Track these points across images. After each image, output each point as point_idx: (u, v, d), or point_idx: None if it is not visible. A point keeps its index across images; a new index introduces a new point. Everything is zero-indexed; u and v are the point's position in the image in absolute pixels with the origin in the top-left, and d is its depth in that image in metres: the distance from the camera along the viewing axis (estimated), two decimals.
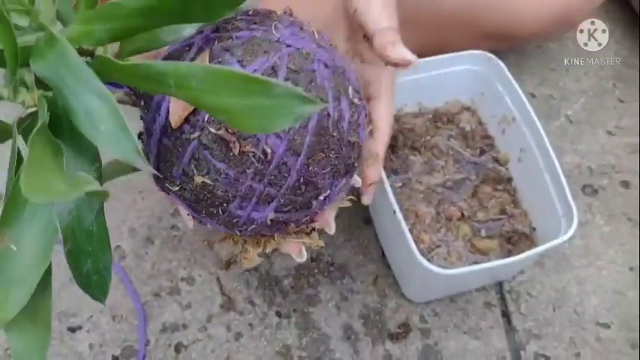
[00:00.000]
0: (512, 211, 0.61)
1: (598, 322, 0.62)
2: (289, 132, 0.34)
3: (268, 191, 0.36)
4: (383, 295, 0.62)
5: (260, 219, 0.37)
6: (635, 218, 0.69)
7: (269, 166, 0.35)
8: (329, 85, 0.36)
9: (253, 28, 0.36)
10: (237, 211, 0.37)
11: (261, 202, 0.36)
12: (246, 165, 0.35)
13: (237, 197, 0.36)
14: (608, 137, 0.74)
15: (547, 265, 0.65)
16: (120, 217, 0.65)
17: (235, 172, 0.35)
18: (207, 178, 0.35)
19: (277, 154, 0.35)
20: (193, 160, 0.35)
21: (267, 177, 0.35)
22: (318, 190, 0.38)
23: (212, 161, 0.35)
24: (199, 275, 0.63)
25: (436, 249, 0.59)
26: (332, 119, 0.36)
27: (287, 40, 0.36)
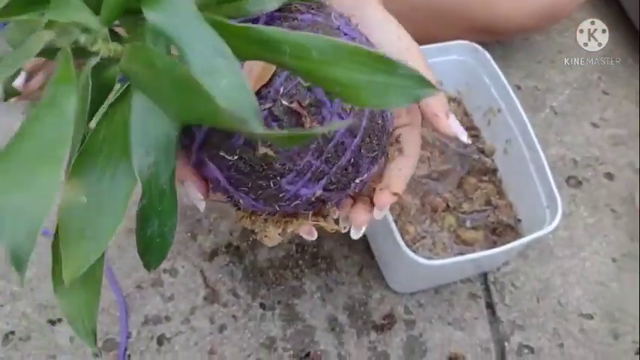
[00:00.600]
0: (498, 202, 0.61)
1: (581, 313, 0.63)
2: (350, 113, 0.35)
3: (323, 168, 0.36)
4: (368, 287, 0.62)
5: (306, 195, 0.37)
6: (618, 210, 0.69)
7: (328, 144, 0.35)
8: None
9: (314, 13, 0.37)
10: (287, 186, 0.36)
11: (313, 179, 0.36)
12: (309, 140, 0.35)
13: (292, 171, 0.36)
14: (592, 129, 0.75)
15: (531, 256, 0.65)
16: None
17: (299, 146, 0.35)
18: (270, 150, 0.35)
19: (338, 134, 0.35)
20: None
21: (325, 154, 0.36)
22: (359, 173, 0.38)
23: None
24: (182, 267, 0.62)
25: (421, 240, 0.59)
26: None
27: (344, 29, 0.37)
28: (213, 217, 0.65)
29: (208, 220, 0.64)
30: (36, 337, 0.57)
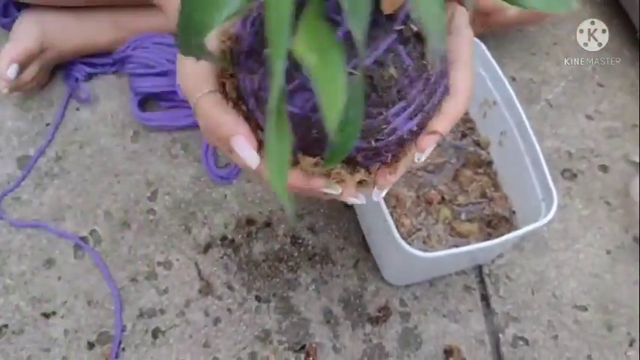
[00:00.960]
0: (493, 195, 0.61)
1: (576, 305, 0.63)
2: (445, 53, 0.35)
3: (423, 103, 0.36)
4: (363, 279, 0.62)
5: (402, 131, 0.36)
6: (612, 202, 0.69)
7: (431, 78, 0.35)
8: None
9: None
10: (391, 117, 0.35)
11: (414, 113, 0.36)
12: (423, 71, 0.34)
13: (402, 100, 0.35)
14: (587, 121, 0.75)
15: (526, 249, 0.65)
16: (95, 200, 0.64)
17: (415, 75, 0.34)
18: (395, 72, 0.34)
19: (438, 69, 0.35)
20: (390, 52, 0.34)
21: (429, 88, 0.35)
22: (432, 117, 0.37)
23: (403, 57, 0.34)
24: (177, 260, 0.62)
25: (416, 232, 0.59)
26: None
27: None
28: (208, 211, 0.64)
29: (203, 213, 0.64)
30: (29, 330, 0.57)
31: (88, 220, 0.63)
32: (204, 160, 0.66)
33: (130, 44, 0.67)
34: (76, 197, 0.64)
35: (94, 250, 0.61)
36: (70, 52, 0.67)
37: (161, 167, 0.66)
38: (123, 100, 0.69)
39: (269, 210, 0.65)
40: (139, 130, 0.68)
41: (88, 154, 0.66)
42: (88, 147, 0.67)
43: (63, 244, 0.61)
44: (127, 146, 0.67)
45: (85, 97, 0.68)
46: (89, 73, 0.70)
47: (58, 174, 0.65)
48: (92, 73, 0.70)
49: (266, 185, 0.65)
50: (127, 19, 0.67)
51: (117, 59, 0.68)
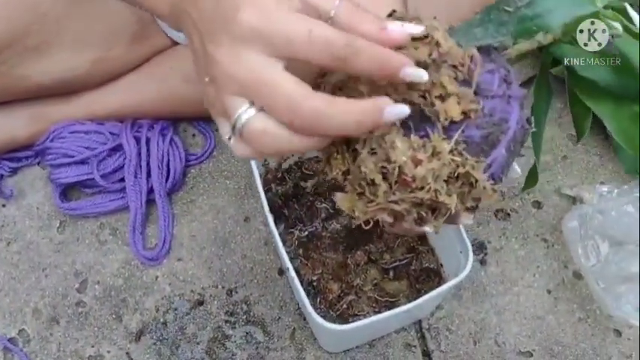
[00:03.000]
0: (419, 249, 0.60)
1: (520, 351, 0.61)
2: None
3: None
4: (300, 349, 0.61)
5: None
6: (549, 238, 0.68)
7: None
8: None
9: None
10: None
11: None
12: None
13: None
14: (517, 159, 0.75)
15: (464, 297, 0.64)
16: (23, 298, 0.63)
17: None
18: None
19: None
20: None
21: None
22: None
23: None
24: (108, 352, 0.60)
25: (345, 297, 0.58)
26: None
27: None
28: (139, 295, 0.63)
29: (134, 298, 0.63)
30: None
31: (16, 320, 0.62)
32: (132, 243, 0.65)
33: (48, 135, 0.67)
34: (3, 297, 0.63)
35: (22, 352, 0.59)
36: None
37: (89, 255, 0.65)
38: (48, 190, 0.69)
39: (201, 287, 0.64)
40: (66, 219, 0.67)
41: (15, 251, 0.66)
42: (14, 244, 0.66)
43: None
44: (53, 238, 0.66)
45: (9, 194, 0.68)
46: (13, 168, 0.70)
47: None
48: (16, 167, 0.70)
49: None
50: (44, 110, 0.67)
51: (37, 151, 0.68)
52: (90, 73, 0.65)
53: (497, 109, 0.36)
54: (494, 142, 0.36)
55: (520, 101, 0.37)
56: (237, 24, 0.30)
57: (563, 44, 0.62)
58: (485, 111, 0.35)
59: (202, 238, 0.67)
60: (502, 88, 0.36)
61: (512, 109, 0.36)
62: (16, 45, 0.60)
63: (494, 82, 0.36)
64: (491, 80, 0.36)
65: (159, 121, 0.70)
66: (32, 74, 0.63)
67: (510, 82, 0.37)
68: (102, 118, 0.69)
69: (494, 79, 0.36)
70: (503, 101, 0.36)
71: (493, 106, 0.36)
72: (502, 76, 0.37)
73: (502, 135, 0.36)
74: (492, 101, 0.36)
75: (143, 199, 0.66)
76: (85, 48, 0.64)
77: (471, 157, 0.35)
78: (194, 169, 0.71)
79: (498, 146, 0.36)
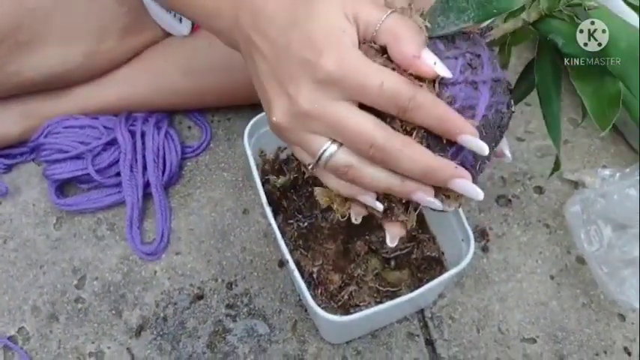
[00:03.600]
0: (420, 237, 0.60)
1: (523, 338, 0.61)
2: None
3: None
4: (302, 341, 0.60)
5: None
6: (551, 224, 0.68)
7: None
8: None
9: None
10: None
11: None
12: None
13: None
14: (518, 144, 0.74)
15: (467, 285, 0.63)
16: (21, 295, 0.62)
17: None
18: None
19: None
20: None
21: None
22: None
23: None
24: (108, 347, 0.60)
25: (346, 288, 0.58)
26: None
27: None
28: (138, 290, 0.63)
29: (133, 293, 0.62)
30: None
31: (15, 318, 0.61)
32: (130, 238, 0.64)
33: (42, 131, 0.66)
34: (1, 295, 0.62)
35: (22, 350, 0.59)
36: None
37: (87, 251, 0.65)
38: (44, 187, 0.68)
39: (200, 281, 0.63)
40: (62, 215, 0.67)
41: (12, 249, 0.65)
42: (11, 241, 0.65)
43: None
44: (50, 234, 0.66)
45: (4, 191, 0.67)
46: (8, 165, 0.69)
47: None
48: (11, 164, 0.69)
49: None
50: (36, 106, 0.67)
51: (32, 147, 0.67)
52: (82, 67, 0.64)
53: (460, 96, 0.35)
54: None
55: (491, 85, 0.36)
56: (320, 69, 0.33)
57: (551, 19, 0.60)
58: (444, 98, 0.34)
59: (201, 232, 0.66)
60: (465, 74, 0.35)
61: (479, 95, 0.35)
62: (7, 41, 0.59)
63: (456, 68, 0.35)
64: (453, 67, 0.35)
65: (154, 113, 0.69)
66: (24, 70, 0.62)
67: (476, 67, 0.36)
68: (96, 112, 0.68)
69: (457, 65, 0.35)
70: (467, 87, 0.35)
71: (454, 93, 0.35)
72: (466, 61, 0.36)
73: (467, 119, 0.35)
74: (453, 88, 0.35)
75: (140, 194, 0.65)
76: (76, 42, 0.63)
77: (435, 153, 0.35)
78: (190, 161, 0.71)
79: None
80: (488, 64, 0.37)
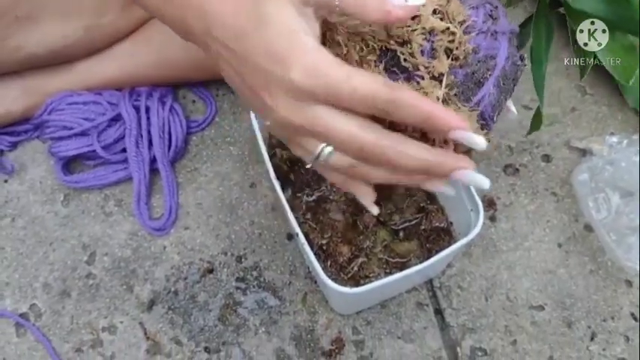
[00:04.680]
0: (429, 208, 0.60)
1: (532, 306, 0.61)
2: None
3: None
4: (313, 312, 0.61)
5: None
6: (558, 192, 0.68)
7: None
8: None
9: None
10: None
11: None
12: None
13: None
14: (525, 112, 0.73)
15: (475, 254, 0.64)
16: (32, 273, 0.62)
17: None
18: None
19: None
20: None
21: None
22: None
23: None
24: (121, 322, 0.60)
25: (355, 259, 0.58)
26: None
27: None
28: (148, 266, 0.63)
29: (143, 268, 0.63)
30: None
31: (27, 295, 0.62)
32: (138, 214, 0.65)
33: (46, 108, 0.66)
34: (12, 273, 0.63)
35: (35, 326, 0.60)
36: None
37: (96, 228, 0.65)
38: (50, 164, 0.68)
39: (210, 255, 0.64)
40: (69, 192, 0.67)
41: (21, 226, 0.65)
42: (19, 219, 0.65)
43: (4, 323, 0.60)
44: (58, 212, 0.66)
45: (10, 169, 0.67)
46: (13, 143, 0.69)
47: None
48: (16, 141, 0.69)
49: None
50: (38, 82, 0.66)
51: (36, 124, 0.67)
52: (83, 42, 0.63)
53: (483, 45, 0.35)
54: (481, 80, 0.35)
55: (509, 36, 0.36)
56: (288, 83, 0.32)
57: None
58: (469, 48, 0.35)
59: (208, 206, 0.66)
60: (487, 24, 0.35)
61: (499, 45, 0.36)
62: (6, 16, 0.58)
63: (479, 18, 0.35)
64: (476, 16, 0.35)
65: (157, 88, 0.68)
66: (25, 45, 0.61)
67: (496, 18, 0.36)
68: (99, 87, 0.67)
69: (479, 14, 0.35)
70: (489, 37, 0.35)
71: (478, 42, 0.35)
72: (487, 11, 0.36)
73: (488, 72, 0.35)
74: (477, 38, 0.35)
75: (146, 169, 0.65)
76: (76, 15, 0.62)
77: (459, 103, 0.35)
78: (196, 136, 0.70)
79: (486, 84, 0.36)
80: (504, 16, 0.37)
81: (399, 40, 0.35)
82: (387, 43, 0.35)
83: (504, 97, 0.37)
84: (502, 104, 0.37)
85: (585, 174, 0.65)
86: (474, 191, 0.53)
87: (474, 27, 0.35)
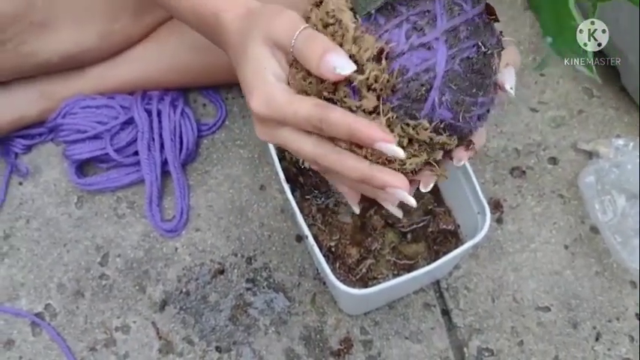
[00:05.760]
0: (436, 210, 0.61)
1: (538, 307, 0.62)
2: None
3: (489, 108, 0.40)
4: (322, 313, 0.62)
5: (474, 123, 0.39)
6: (565, 194, 0.68)
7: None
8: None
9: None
10: (478, 105, 0.37)
11: (486, 109, 0.39)
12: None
13: (488, 94, 0.38)
14: (532, 114, 0.74)
15: (482, 256, 0.65)
16: (46, 273, 0.64)
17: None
18: (497, 65, 0.39)
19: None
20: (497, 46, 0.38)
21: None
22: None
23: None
24: (134, 322, 0.61)
25: (364, 261, 0.59)
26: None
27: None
28: (160, 267, 0.64)
29: (155, 269, 0.64)
30: None
31: (42, 295, 0.63)
32: (150, 216, 0.66)
33: (60, 111, 0.67)
34: (27, 273, 0.64)
35: (50, 326, 0.61)
36: (0, 131, 0.67)
37: (109, 229, 0.66)
38: (63, 166, 0.69)
39: (220, 256, 0.65)
40: (83, 194, 0.68)
41: (36, 228, 0.66)
42: (34, 220, 0.67)
43: (20, 323, 0.62)
44: (72, 213, 0.67)
45: (25, 171, 0.68)
46: (27, 146, 0.70)
47: (7, 252, 0.65)
48: (30, 145, 0.70)
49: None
50: (52, 87, 0.67)
51: (50, 127, 0.68)
52: (97, 47, 0.65)
53: (411, 63, 0.34)
54: (420, 96, 0.35)
55: (446, 38, 0.35)
56: (253, 110, 0.39)
57: None
58: (394, 73, 0.34)
59: (219, 208, 0.67)
60: (411, 40, 0.34)
61: (435, 52, 0.35)
62: (22, 21, 0.60)
63: (400, 37, 0.35)
64: (398, 36, 0.35)
65: (169, 92, 0.70)
66: (39, 51, 0.63)
67: (422, 28, 0.34)
68: (111, 91, 0.68)
69: (400, 33, 0.35)
70: (417, 52, 0.34)
71: (403, 63, 0.34)
72: (410, 26, 0.35)
73: (426, 86, 0.35)
74: (401, 59, 0.35)
75: (158, 172, 0.66)
76: (91, 21, 0.63)
77: (406, 121, 0.36)
78: (207, 139, 0.71)
79: (429, 96, 0.35)
80: (442, 14, 0.35)
81: (330, 90, 0.37)
82: (324, 90, 0.37)
83: (468, 94, 0.36)
84: (470, 101, 0.36)
85: (592, 176, 0.66)
86: (481, 193, 0.53)
87: (393, 51, 0.34)
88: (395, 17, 0.35)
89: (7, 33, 0.59)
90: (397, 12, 0.35)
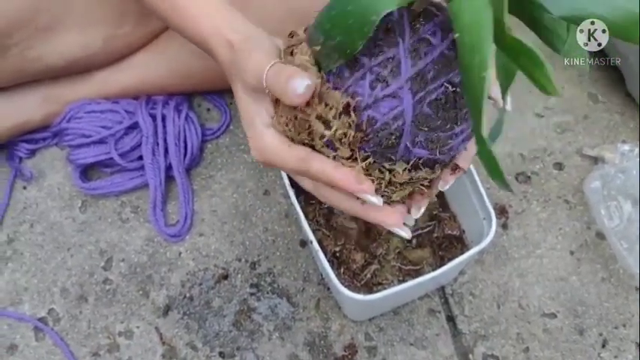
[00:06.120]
0: (441, 215, 0.60)
1: (544, 313, 0.62)
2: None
3: (469, 134, 0.38)
4: (326, 319, 0.61)
5: (454, 152, 0.38)
6: (571, 200, 0.68)
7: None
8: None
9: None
10: (455, 136, 0.37)
11: (467, 138, 0.38)
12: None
13: (465, 123, 0.37)
14: (537, 120, 0.74)
15: (487, 262, 0.64)
16: (50, 278, 0.64)
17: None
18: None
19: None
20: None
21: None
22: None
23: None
24: (137, 327, 0.61)
25: (369, 267, 0.59)
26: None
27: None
28: (164, 271, 0.64)
29: (159, 274, 0.64)
30: None
31: (45, 300, 0.63)
32: (154, 220, 0.66)
33: (64, 116, 0.67)
34: (31, 278, 0.64)
35: (53, 330, 0.61)
36: (4, 135, 0.67)
37: (113, 234, 0.66)
38: (67, 171, 0.69)
39: (224, 261, 0.64)
40: (87, 199, 0.68)
41: (39, 232, 0.66)
42: (38, 225, 0.67)
43: (23, 327, 0.61)
44: (76, 217, 0.67)
45: (29, 176, 0.68)
46: (32, 150, 0.70)
47: (11, 257, 0.65)
48: (34, 149, 0.70)
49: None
50: (57, 91, 0.67)
51: (54, 132, 0.68)
52: (102, 52, 0.65)
53: (379, 113, 0.34)
54: (391, 142, 0.35)
55: (411, 85, 0.34)
56: (251, 153, 0.42)
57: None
58: (363, 125, 0.34)
59: (223, 213, 0.67)
60: (376, 90, 0.34)
61: (402, 100, 0.34)
62: (27, 26, 0.60)
63: (365, 89, 0.34)
64: (362, 88, 0.34)
65: (173, 96, 0.70)
66: (44, 55, 0.63)
67: (385, 79, 0.34)
68: (115, 96, 0.68)
69: (365, 85, 0.34)
70: (383, 102, 0.34)
71: (372, 115, 0.34)
72: (374, 77, 0.34)
73: (396, 132, 0.34)
74: (368, 111, 0.34)
75: (162, 177, 0.66)
76: (96, 26, 0.63)
77: (383, 165, 0.36)
78: (211, 144, 0.71)
79: (402, 140, 0.35)
80: (406, 59, 0.34)
81: (308, 140, 0.38)
82: (303, 139, 0.38)
83: (443, 130, 0.35)
84: (446, 135, 0.35)
85: (597, 182, 0.65)
86: (487, 199, 0.53)
87: (359, 105, 0.34)
88: (357, 70, 0.34)
89: (14, 38, 0.59)
90: (360, 64, 0.34)
